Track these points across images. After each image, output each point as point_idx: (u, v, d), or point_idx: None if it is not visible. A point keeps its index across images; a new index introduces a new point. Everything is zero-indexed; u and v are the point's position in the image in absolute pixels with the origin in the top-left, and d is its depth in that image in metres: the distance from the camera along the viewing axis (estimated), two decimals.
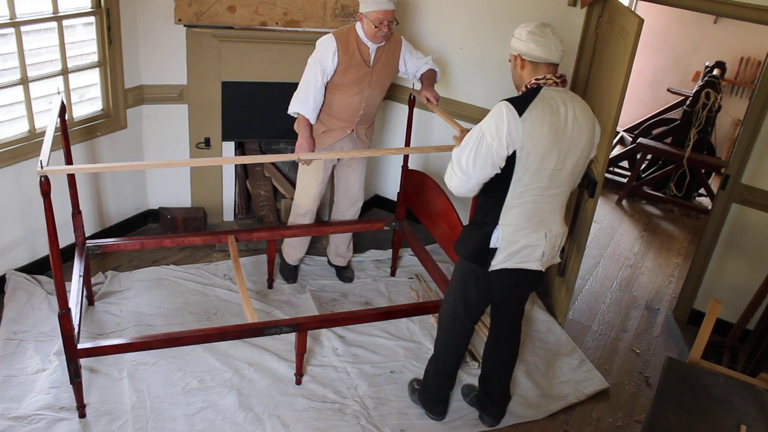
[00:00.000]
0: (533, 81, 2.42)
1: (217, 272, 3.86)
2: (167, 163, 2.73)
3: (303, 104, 3.28)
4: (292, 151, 3.62)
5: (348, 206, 3.79)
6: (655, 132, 6.02)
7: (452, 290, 2.77)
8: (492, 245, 2.50)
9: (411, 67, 3.48)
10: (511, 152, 2.35)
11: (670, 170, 5.59)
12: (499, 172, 2.40)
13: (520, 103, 2.35)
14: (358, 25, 3.25)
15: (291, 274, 3.87)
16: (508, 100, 2.37)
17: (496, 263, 2.52)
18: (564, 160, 2.42)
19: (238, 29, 3.83)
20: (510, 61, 2.53)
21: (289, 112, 3.34)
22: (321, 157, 3.40)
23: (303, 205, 3.65)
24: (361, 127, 3.49)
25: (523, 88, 2.45)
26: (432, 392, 2.95)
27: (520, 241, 2.49)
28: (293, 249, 3.81)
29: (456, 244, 2.67)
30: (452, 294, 2.77)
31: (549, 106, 2.37)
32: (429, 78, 3.50)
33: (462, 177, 2.43)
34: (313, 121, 3.36)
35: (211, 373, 3.07)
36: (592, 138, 2.52)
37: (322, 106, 3.37)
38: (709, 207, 5.13)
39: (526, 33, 2.42)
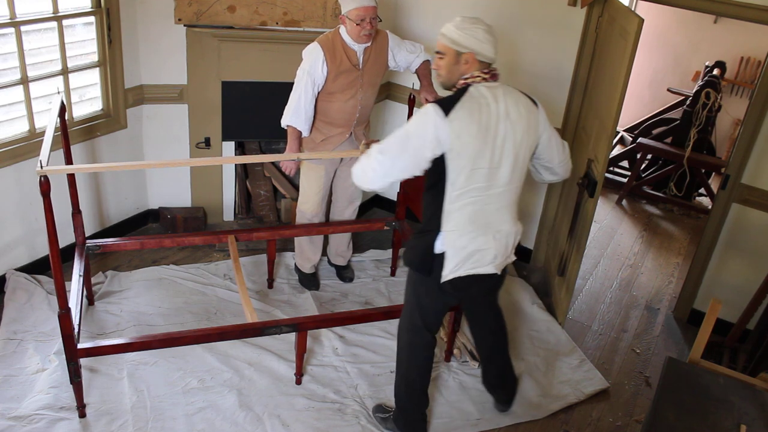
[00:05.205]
0: (462, 81, 2.36)
1: (217, 272, 3.86)
2: (167, 163, 2.74)
3: (294, 117, 3.26)
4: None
5: (346, 205, 3.79)
6: (655, 132, 6.02)
7: (407, 302, 2.69)
8: (437, 251, 2.42)
9: (401, 60, 3.44)
10: (438, 154, 2.30)
11: (670, 170, 5.59)
12: (419, 174, 2.37)
13: (447, 103, 2.30)
14: (342, 29, 3.22)
15: (310, 282, 3.83)
16: (434, 101, 2.33)
17: (447, 273, 2.43)
18: (500, 157, 2.35)
19: (238, 29, 3.83)
20: (440, 55, 2.40)
21: (282, 124, 3.32)
22: (320, 156, 3.39)
23: (308, 211, 3.64)
24: (358, 129, 3.49)
25: (454, 88, 2.39)
26: (411, 413, 2.78)
27: (468, 247, 2.41)
28: (303, 256, 3.79)
29: (403, 254, 2.61)
30: (407, 306, 2.69)
31: (478, 103, 2.30)
32: (427, 75, 3.49)
33: (380, 172, 2.37)
34: (306, 133, 3.34)
35: (211, 373, 3.07)
36: (533, 128, 2.42)
37: (318, 114, 3.35)
38: (709, 207, 5.13)
39: (482, 32, 2.33)
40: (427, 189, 2.46)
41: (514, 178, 2.43)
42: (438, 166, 2.34)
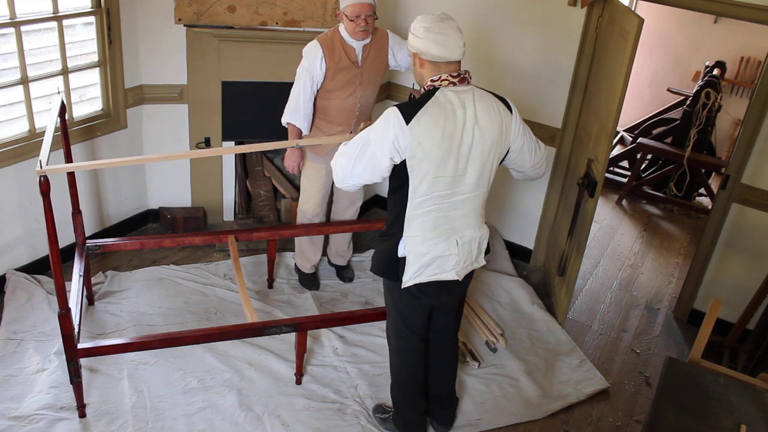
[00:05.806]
0: (429, 83, 2.27)
1: (217, 272, 3.86)
2: (164, 157, 2.75)
3: (294, 114, 3.28)
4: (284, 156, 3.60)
5: (347, 205, 3.79)
6: (655, 132, 6.02)
7: (387, 309, 2.68)
8: (400, 255, 2.38)
9: (402, 60, 3.44)
10: (399, 161, 2.24)
11: (670, 170, 5.59)
12: (379, 181, 2.33)
13: (409, 108, 2.21)
14: (341, 27, 3.23)
15: (310, 282, 3.83)
16: (398, 105, 2.24)
17: (408, 279, 2.39)
18: (465, 165, 2.28)
19: (238, 29, 3.83)
20: (409, 56, 2.37)
21: (282, 122, 3.34)
22: (320, 143, 3.36)
23: (309, 211, 3.65)
24: (359, 127, 3.48)
25: (423, 90, 2.31)
26: (408, 414, 2.78)
27: (429, 253, 2.35)
28: (303, 256, 3.79)
29: (371, 260, 2.57)
30: (389, 313, 2.67)
31: (443, 109, 2.21)
32: None
33: (341, 175, 2.36)
34: (305, 131, 3.35)
35: (211, 373, 3.08)
36: (505, 137, 2.34)
37: (318, 112, 3.36)
38: (709, 207, 5.13)
39: (422, 30, 2.21)
40: (391, 192, 2.40)
41: (481, 184, 2.37)
42: (401, 171, 2.28)
